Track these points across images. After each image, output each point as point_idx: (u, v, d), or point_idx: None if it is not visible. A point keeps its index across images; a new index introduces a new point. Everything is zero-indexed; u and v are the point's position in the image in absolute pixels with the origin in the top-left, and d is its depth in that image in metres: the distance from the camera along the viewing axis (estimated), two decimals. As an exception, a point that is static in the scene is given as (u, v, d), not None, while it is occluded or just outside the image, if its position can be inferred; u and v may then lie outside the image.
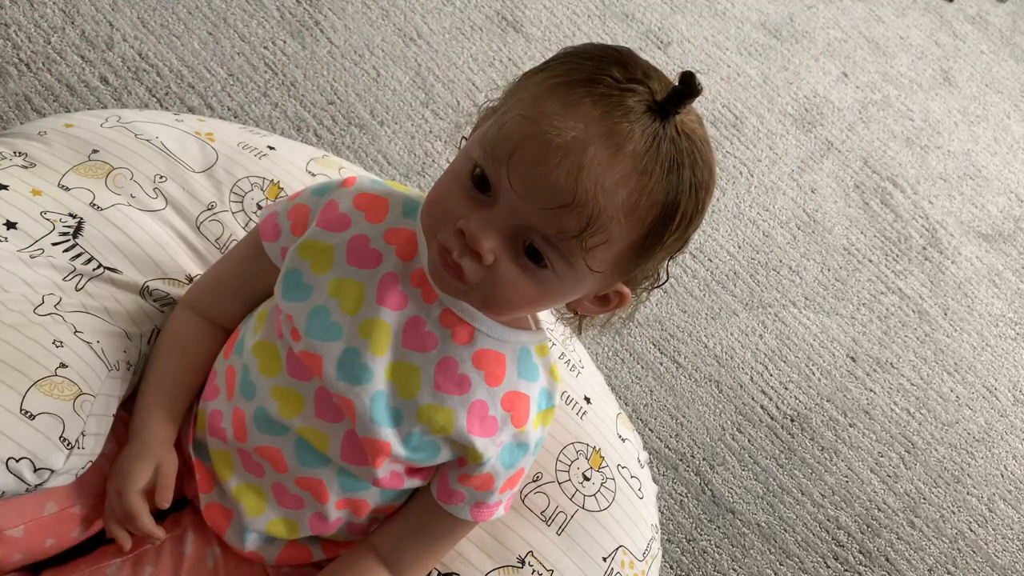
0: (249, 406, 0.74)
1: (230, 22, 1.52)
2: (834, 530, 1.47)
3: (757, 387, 1.58)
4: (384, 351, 0.69)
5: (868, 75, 2.30)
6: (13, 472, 0.64)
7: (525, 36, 1.82)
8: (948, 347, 1.83)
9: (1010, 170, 2.31)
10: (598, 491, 0.92)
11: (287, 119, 1.46)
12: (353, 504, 0.76)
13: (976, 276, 2.00)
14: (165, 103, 1.37)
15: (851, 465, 1.56)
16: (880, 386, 1.70)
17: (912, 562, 1.50)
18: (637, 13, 2.04)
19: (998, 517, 1.63)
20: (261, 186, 0.96)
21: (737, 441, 1.50)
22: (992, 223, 2.14)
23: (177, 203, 0.90)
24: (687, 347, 1.57)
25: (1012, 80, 2.58)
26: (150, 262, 0.85)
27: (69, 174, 0.86)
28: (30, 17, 1.35)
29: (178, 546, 0.79)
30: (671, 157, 0.58)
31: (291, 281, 0.72)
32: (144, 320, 0.82)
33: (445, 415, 0.70)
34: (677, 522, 1.37)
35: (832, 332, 1.73)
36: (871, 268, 1.88)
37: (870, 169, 2.07)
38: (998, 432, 1.75)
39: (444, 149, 1.56)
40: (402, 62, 1.64)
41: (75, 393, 0.69)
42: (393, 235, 0.72)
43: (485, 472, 0.74)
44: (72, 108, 1.29)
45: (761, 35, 2.20)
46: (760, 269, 1.75)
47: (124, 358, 0.77)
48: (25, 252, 0.78)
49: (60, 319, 0.73)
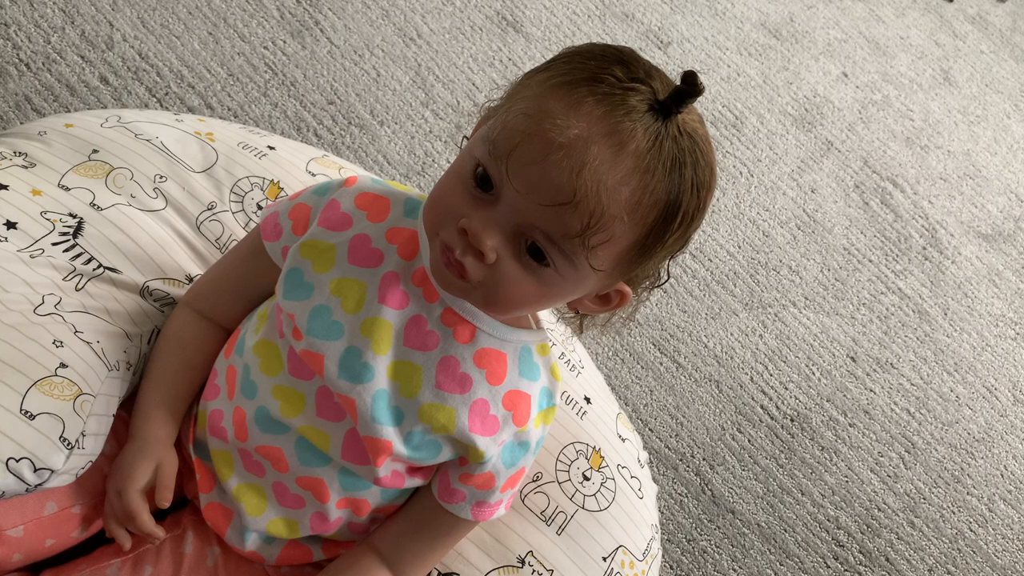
0: (250, 405, 0.74)
1: (230, 22, 1.52)
2: (834, 530, 1.47)
3: (757, 387, 1.58)
4: (386, 350, 0.69)
5: (868, 75, 2.30)
6: (13, 472, 0.63)
7: (525, 36, 1.82)
8: (948, 347, 1.83)
9: (1010, 170, 2.31)
10: (598, 491, 0.92)
11: (287, 119, 1.46)
12: (354, 503, 0.76)
13: (976, 276, 2.00)
14: (165, 103, 1.37)
15: (851, 465, 1.56)
16: (880, 386, 1.70)
17: (912, 562, 1.50)
18: (637, 13, 2.04)
19: (998, 517, 1.63)
20: (261, 186, 0.96)
21: (737, 441, 1.50)
22: (992, 223, 2.14)
23: (177, 203, 0.90)
24: (687, 347, 1.56)
25: (1012, 80, 2.58)
26: (150, 262, 0.85)
27: (69, 174, 0.86)
28: (30, 17, 1.35)
29: (178, 546, 0.78)
30: (673, 156, 0.58)
31: (292, 280, 0.72)
32: (144, 320, 0.82)
33: (446, 414, 0.70)
34: (677, 522, 1.37)
35: (832, 332, 1.73)
36: (871, 268, 1.88)
37: (870, 169, 2.07)
38: (998, 432, 1.75)
39: (444, 149, 1.56)
40: (402, 62, 1.64)
41: (75, 393, 0.69)
42: (394, 234, 0.72)
43: (486, 471, 0.74)
44: (72, 108, 1.29)
45: (761, 35, 2.20)
46: (760, 269, 1.75)
47: (124, 358, 0.77)
48: (25, 252, 0.78)
49: (60, 319, 0.73)
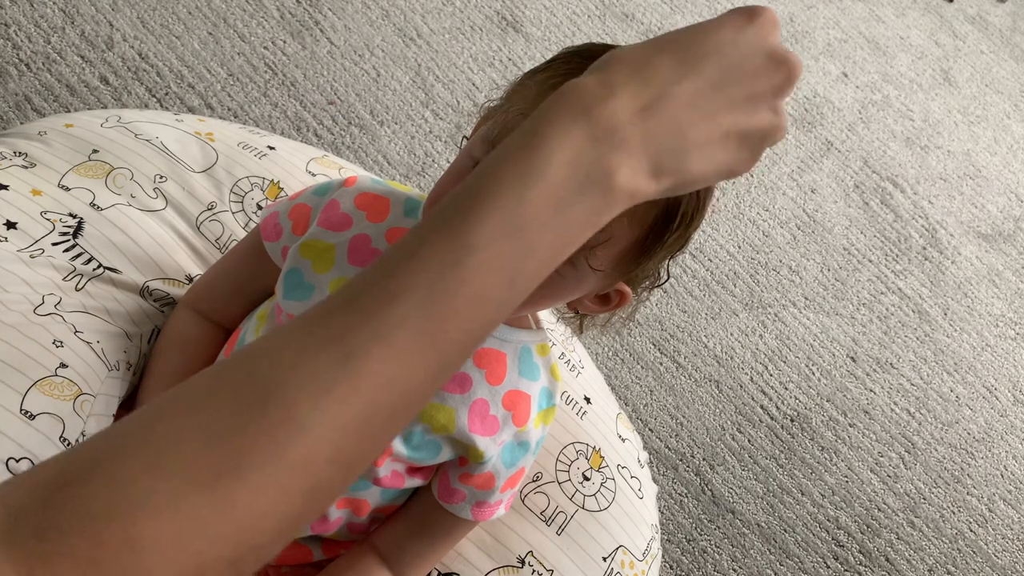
0: (250, 406, 0.73)
1: (230, 22, 1.52)
2: (834, 530, 1.47)
3: (757, 387, 1.58)
4: (384, 350, 0.69)
5: (868, 75, 2.30)
6: (13, 472, 0.63)
7: (525, 36, 1.82)
8: (948, 347, 1.83)
9: (1010, 170, 2.31)
10: (598, 491, 0.92)
11: (287, 119, 1.46)
12: (354, 504, 0.76)
13: (976, 276, 2.00)
14: (165, 103, 1.37)
15: (851, 465, 1.56)
16: (880, 386, 1.70)
17: (912, 562, 1.50)
18: (637, 13, 2.04)
19: (998, 517, 1.63)
20: (261, 186, 0.96)
21: (737, 441, 1.50)
22: (992, 223, 2.14)
23: (177, 203, 0.90)
24: (687, 347, 1.57)
25: (1012, 80, 2.58)
26: (150, 262, 0.85)
27: (69, 174, 0.86)
28: (30, 17, 1.35)
29: (178, 546, 0.78)
30: (672, 156, 0.58)
31: (292, 280, 0.72)
32: (144, 320, 0.82)
33: (446, 414, 0.70)
34: (677, 522, 1.37)
35: (832, 332, 1.73)
36: (871, 268, 1.88)
37: (870, 169, 2.07)
38: (998, 432, 1.75)
39: (444, 149, 1.56)
40: (402, 62, 1.64)
41: (75, 393, 0.69)
42: (394, 235, 0.72)
43: (486, 471, 0.74)
44: (72, 108, 1.29)
45: (761, 35, 2.20)
46: (760, 269, 1.75)
47: (124, 358, 0.77)
48: (25, 252, 0.78)
49: (60, 319, 0.73)
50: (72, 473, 0.35)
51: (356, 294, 0.41)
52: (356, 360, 0.39)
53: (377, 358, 0.39)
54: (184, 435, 0.37)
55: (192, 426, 0.37)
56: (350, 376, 0.39)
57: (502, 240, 0.42)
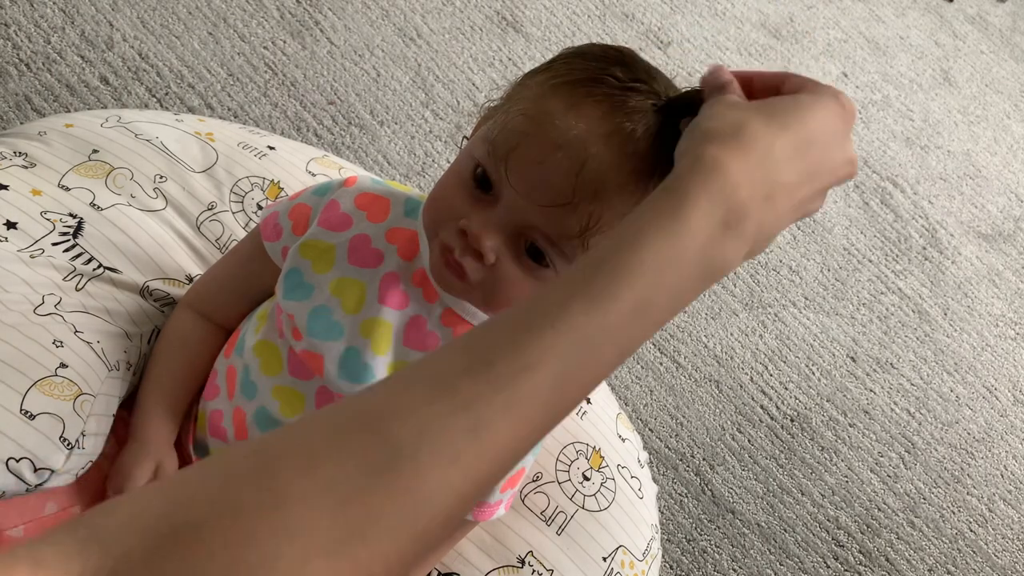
0: (250, 406, 0.74)
1: (230, 22, 1.52)
2: (834, 530, 1.47)
3: (757, 387, 1.58)
4: (385, 350, 0.69)
5: (868, 75, 2.30)
6: (13, 472, 0.63)
7: (525, 36, 1.82)
8: (948, 347, 1.83)
9: (1010, 170, 2.31)
10: (598, 491, 0.92)
11: (287, 119, 1.46)
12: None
13: (976, 276, 2.00)
14: (165, 103, 1.37)
15: (851, 465, 1.56)
16: (880, 386, 1.70)
17: (912, 562, 1.50)
18: (637, 13, 2.04)
19: (998, 517, 1.63)
20: (261, 186, 0.96)
21: (737, 441, 1.50)
22: (992, 223, 2.14)
23: (177, 203, 0.90)
24: (687, 347, 1.57)
25: (1012, 80, 2.58)
26: (150, 262, 0.85)
27: (69, 174, 0.86)
28: (30, 17, 1.35)
29: (178, 546, 0.78)
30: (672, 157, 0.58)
31: (292, 281, 0.72)
32: (144, 320, 0.82)
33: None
34: (677, 522, 1.37)
35: (832, 332, 1.73)
36: (871, 268, 1.88)
37: (870, 169, 2.07)
38: (998, 432, 1.75)
39: (444, 149, 1.56)
40: (402, 62, 1.64)
41: (75, 393, 0.69)
42: (394, 235, 0.72)
43: (486, 472, 0.74)
44: (72, 108, 1.29)
45: (761, 35, 2.20)
46: (760, 269, 1.75)
47: (124, 358, 0.77)
48: (25, 252, 0.78)
49: (60, 319, 0.73)
50: (183, 521, 0.33)
51: (490, 359, 0.40)
52: (484, 431, 0.39)
53: (504, 429, 0.39)
54: (309, 494, 0.35)
55: (318, 485, 0.35)
56: (475, 446, 0.38)
57: (631, 320, 0.43)
